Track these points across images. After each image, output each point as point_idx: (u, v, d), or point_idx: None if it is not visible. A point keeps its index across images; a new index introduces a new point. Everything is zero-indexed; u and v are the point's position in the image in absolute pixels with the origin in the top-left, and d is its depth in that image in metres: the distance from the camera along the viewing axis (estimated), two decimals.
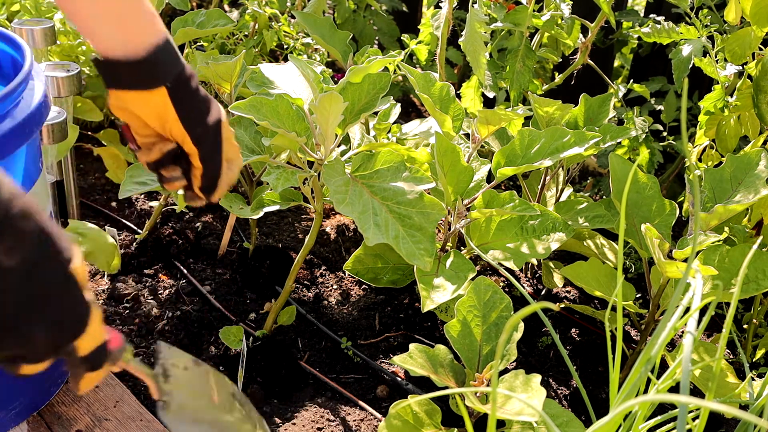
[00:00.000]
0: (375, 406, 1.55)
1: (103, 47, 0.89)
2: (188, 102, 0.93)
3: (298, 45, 2.19)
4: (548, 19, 1.82)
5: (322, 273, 1.94)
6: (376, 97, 1.46)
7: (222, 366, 1.61)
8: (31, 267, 0.63)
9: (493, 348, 1.35)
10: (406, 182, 1.40)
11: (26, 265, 0.63)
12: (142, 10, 0.90)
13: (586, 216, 1.65)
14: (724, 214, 1.40)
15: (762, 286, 1.39)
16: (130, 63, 0.88)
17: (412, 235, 1.36)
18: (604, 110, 1.75)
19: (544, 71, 2.24)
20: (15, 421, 1.39)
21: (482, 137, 1.60)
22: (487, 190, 1.54)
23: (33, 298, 0.64)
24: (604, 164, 2.16)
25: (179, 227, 1.99)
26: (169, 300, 1.78)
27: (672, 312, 0.90)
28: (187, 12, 1.88)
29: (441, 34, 1.79)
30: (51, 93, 1.63)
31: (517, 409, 1.19)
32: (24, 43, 1.30)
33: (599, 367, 1.70)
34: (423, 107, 2.78)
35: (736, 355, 1.78)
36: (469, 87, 1.92)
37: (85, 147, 2.27)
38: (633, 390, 0.92)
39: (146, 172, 1.53)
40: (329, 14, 2.90)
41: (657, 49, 2.44)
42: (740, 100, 1.62)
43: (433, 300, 1.39)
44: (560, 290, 1.95)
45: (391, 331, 1.75)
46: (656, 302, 1.52)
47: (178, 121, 0.93)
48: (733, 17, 1.59)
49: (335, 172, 1.37)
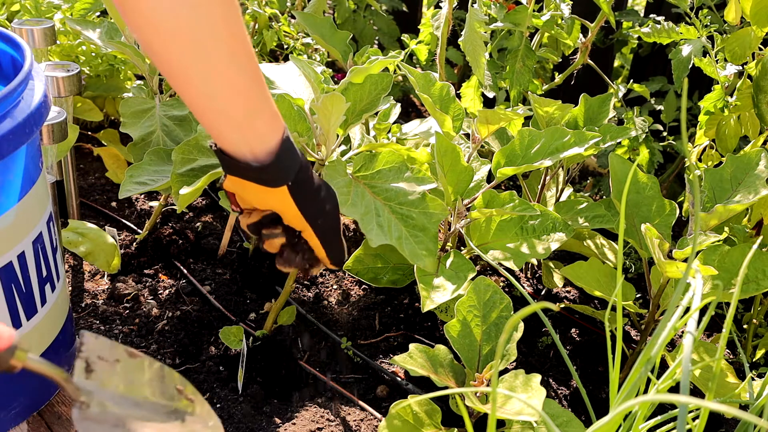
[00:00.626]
0: (375, 406, 1.55)
1: (226, 146, 0.87)
2: (309, 197, 0.95)
3: (298, 45, 2.19)
4: (548, 19, 1.82)
5: (322, 273, 1.94)
6: (378, 98, 1.46)
7: (222, 366, 1.61)
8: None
9: (493, 348, 1.35)
10: (408, 183, 1.40)
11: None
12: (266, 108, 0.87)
13: (586, 216, 1.65)
14: (724, 214, 1.40)
15: (762, 286, 1.39)
16: (255, 167, 0.87)
17: (415, 236, 1.36)
18: (604, 110, 1.75)
19: (544, 71, 2.24)
20: (15, 421, 1.39)
21: (482, 137, 1.60)
22: (487, 190, 1.54)
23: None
24: (604, 164, 2.16)
25: (179, 227, 1.99)
26: (169, 300, 1.78)
27: (672, 312, 0.90)
28: None
29: (441, 34, 1.79)
30: (51, 93, 1.63)
31: (517, 408, 1.19)
32: (24, 43, 1.30)
33: (599, 367, 1.70)
34: (423, 107, 2.78)
35: (736, 355, 1.78)
36: (469, 87, 1.92)
37: (85, 147, 2.27)
38: (633, 390, 0.92)
39: (146, 172, 1.53)
40: (329, 14, 2.90)
41: (657, 49, 2.44)
42: (740, 100, 1.62)
43: (433, 300, 1.39)
44: (560, 290, 1.95)
45: (391, 331, 1.75)
46: (656, 302, 1.53)
47: (300, 216, 0.95)
48: (733, 17, 1.59)
49: (337, 173, 1.37)
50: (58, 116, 1.52)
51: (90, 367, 0.74)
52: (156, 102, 1.75)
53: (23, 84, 1.18)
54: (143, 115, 1.72)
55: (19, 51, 1.31)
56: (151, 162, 1.55)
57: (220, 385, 1.56)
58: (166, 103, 1.75)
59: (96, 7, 2.14)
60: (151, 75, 1.74)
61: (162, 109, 1.74)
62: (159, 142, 1.70)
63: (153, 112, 1.73)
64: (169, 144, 1.70)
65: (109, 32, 1.80)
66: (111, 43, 1.70)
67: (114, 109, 2.22)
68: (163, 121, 1.72)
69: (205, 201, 2.16)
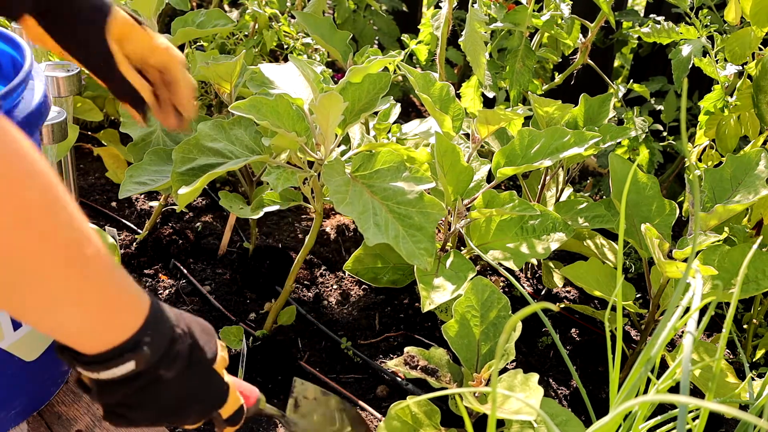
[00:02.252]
0: (375, 406, 1.55)
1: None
2: None
3: (298, 45, 2.19)
4: (548, 19, 1.82)
5: (322, 273, 1.94)
6: (377, 97, 1.46)
7: None
8: (185, 373, 0.79)
9: (491, 347, 1.35)
10: (406, 182, 1.40)
11: (182, 374, 0.79)
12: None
13: (586, 216, 1.65)
14: (724, 214, 1.40)
15: (762, 286, 1.39)
16: None
17: (412, 235, 1.36)
18: (604, 110, 1.75)
19: (544, 71, 2.24)
20: (15, 421, 1.39)
21: (482, 137, 1.60)
22: (487, 190, 1.54)
23: (189, 393, 0.81)
24: (604, 164, 2.16)
25: (179, 227, 1.99)
26: (169, 300, 1.78)
27: (672, 312, 0.90)
28: (187, 12, 1.88)
29: (441, 34, 1.79)
30: (51, 93, 1.63)
31: (516, 408, 1.19)
32: (24, 43, 1.30)
33: (599, 367, 1.70)
34: (423, 107, 2.78)
35: (736, 355, 1.78)
36: (469, 87, 1.92)
37: (85, 147, 2.27)
38: (633, 390, 0.92)
39: (146, 172, 1.53)
40: (329, 14, 2.90)
41: (657, 49, 2.44)
42: (740, 100, 1.62)
43: (433, 300, 1.39)
44: (560, 290, 1.95)
45: (391, 331, 1.75)
46: (656, 302, 1.52)
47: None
48: (733, 17, 1.59)
49: (335, 172, 1.37)
50: (58, 116, 1.52)
51: (297, 403, 1.04)
52: None
53: (23, 84, 1.18)
54: None
55: (19, 51, 1.31)
56: (151, 162, 1.55)
57: None
58: None
59: None
60: None
61: None
62: (159, 142, 1.70)
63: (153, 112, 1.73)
64: (168, 144, 1.70)
65: None
66: None
67: (114, 109, 2.22)
68: None
69: (205, 201, 2.16)
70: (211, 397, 0.87)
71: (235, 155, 1.42)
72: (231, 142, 1.43)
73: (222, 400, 0.89)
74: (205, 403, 0.87)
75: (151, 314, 0.76)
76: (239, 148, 1.43)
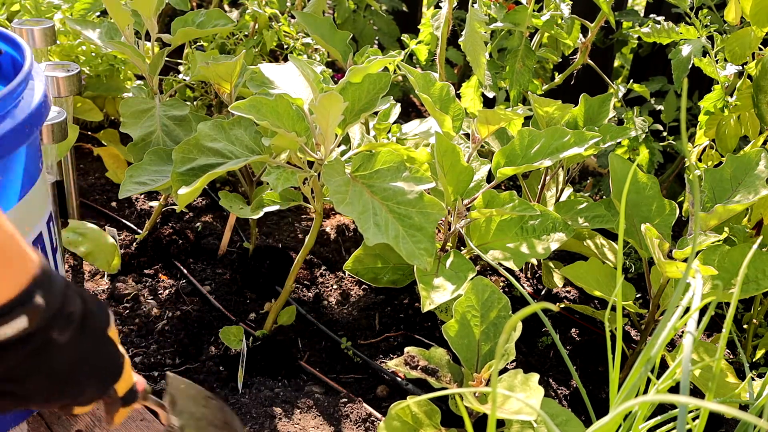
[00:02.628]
0: (375, 406, 1.55)
1: None
2: None
3: (298, 45, 2.19)
4: (548, 19, 1.82)
5: (322, 273, 1.94)
6: (376, 97, 1.46)
7: (222, 366, 1.61)
8: (78, 338, 0.77)
9: (491, 347, 1.35)
10: (406, 182, 1.40)
11: (75, 338, 0.76)
12: None
13: (586, 216, 1.65)
14: (724, 214, 1.40)
15: (762, 286, 1.39)
16: None
17: (412, 235, 1.36)
18: (604, 110, 1.75)
19: (544, 71, 2.24)
20: (15, 421, 1.39)
21: (482, 137, 1.60)
22: (487, 190, 1.54)
23: (82, 359, 0.78)
24: (604, 164, 2.16)
25: (179, 227, 1.99)
26: (169, 300, 1.78)
27: (672, 312, 0.90)
28: (187, 12, 1.88)
29: (441, 34, 1.79)
30: (51, 93, 1.63)
31: (516, 408, 1.19)
32: (24, 43, 1.30)
33: (599, 367, 1.70)
34: (423, 107, 2.78)
35: (736, 355, 1.78)
36: (469, 87, 1.92)
37: (85, 147, 2.27)
38: (633, 390, 0.92)
39: (146, 172, 1.54)
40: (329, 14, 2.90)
41: (657, 49, 2.44)
42: (740, 100, 1.62)
43: (433, 300, 1.39)
44: (560, 290, 1.95)
45: (391, 331, 1.75)
46: (656, 302, 1.52)
47: None
48: (733, 17, 1.59)
49: (335, 172, 1.37)
50: (58, 116, 1.52)
51: (174, 399, 0.99)
52: (156, 102, 1.75)
53: (23, 84, 1.18)
54: (143, 115, 1.72)
55: (19, 51, 1.31)
56: (151, 162, 1.55)
57: (220, 385, 1.56)
58: (166, 103, 1.75)
59: (96, 7, 2.14)
60: (151, 75, 1.74)
61: (162, 109, 1.74)
62: (159, 142, 1.70)
63: (153, 112, 1.73)
64: (169, 144, 1.70)
65: (109, 32, 1.80)
66: (111, 43, 1.70)
67: (114, 109, 2.22)
68: (163, 121, 1.72)
69: (205, 201, 2.16)
70: (107, 366, 0.83)
71: (235, 155, 1.42)
72: (231, 142, 1.43)
73: (119, 371, 0.84)
74: (102, 373, 0.82)
75: (42, 271, 0.73)
76: (239, 148, 1.43)
